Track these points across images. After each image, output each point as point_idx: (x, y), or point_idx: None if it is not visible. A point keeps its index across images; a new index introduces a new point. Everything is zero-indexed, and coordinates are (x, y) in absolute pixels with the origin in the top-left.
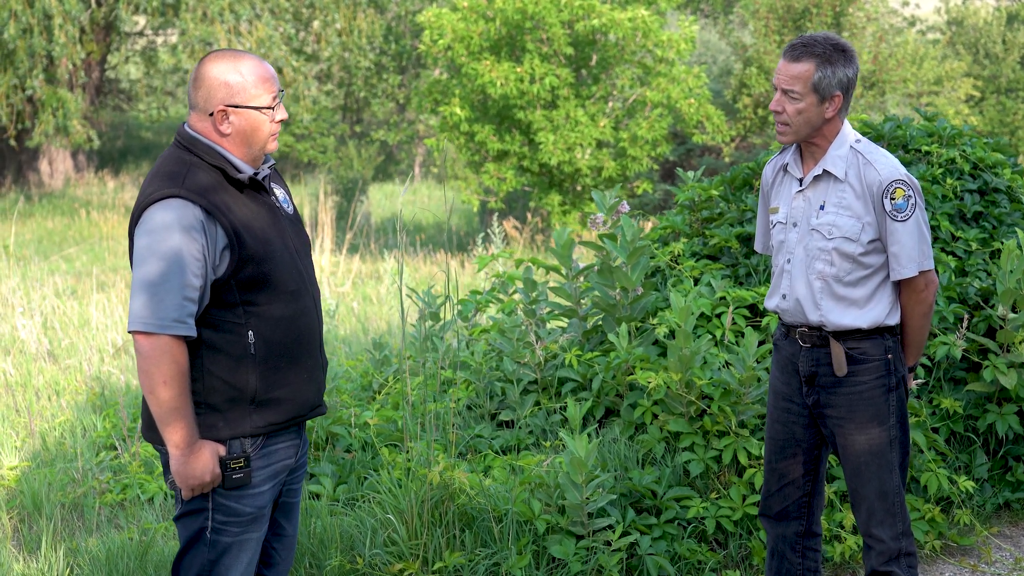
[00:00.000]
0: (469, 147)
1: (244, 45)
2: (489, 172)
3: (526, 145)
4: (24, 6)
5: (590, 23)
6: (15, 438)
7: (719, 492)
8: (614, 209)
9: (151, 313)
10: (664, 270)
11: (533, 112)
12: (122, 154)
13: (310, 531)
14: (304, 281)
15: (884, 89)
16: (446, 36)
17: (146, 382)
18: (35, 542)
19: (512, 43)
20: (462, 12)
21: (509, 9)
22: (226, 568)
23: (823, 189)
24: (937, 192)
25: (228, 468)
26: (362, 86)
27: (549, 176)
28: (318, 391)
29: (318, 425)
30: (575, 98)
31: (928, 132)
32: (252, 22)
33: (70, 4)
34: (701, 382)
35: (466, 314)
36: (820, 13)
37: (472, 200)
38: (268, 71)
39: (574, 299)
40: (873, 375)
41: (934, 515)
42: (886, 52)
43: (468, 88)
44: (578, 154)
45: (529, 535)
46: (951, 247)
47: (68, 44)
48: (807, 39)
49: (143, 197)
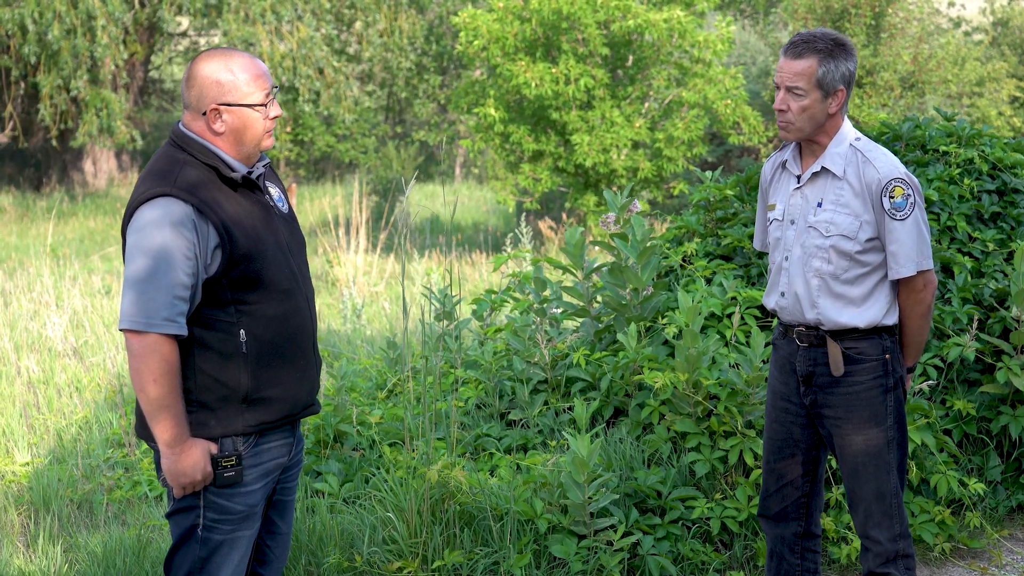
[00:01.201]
0: (504, 148)
1: (285, 46)
2: (525, 173)
3: (562, 146)
4: (68, 7)
5: (626, 24)
6: (31, 434)
7: (724, 493)
8: (625, 209)
9: (141, 311)
10: (676, 270)
11: (568, 113)
12: None
13: (309, 529)
14: (297, 280)
15: (924, 90)
16: (481, 37)
17: (136, 380)
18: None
19: (548, 44)
20: (498, 13)
21: (545, 10)
22: (217, 566)
23: (821, 186)
24: (954, 192)
25: (219, 466)
26: (403, 87)
27: (585, 177)
28: (311, 390)
29: (326, 423)
30: (611, 99)
31: (947, 132)
32: (293, 23)
33: (113, 5)
34: (708, 382)
35: (480, 313)
36: (859, 13)
37: (508, 201)
38: (260, 68)
39: (586, 299)
40: (870, 375)
41: (944, 517)
42: (926, 52)
43: (503, 89)
44: (613, 155)
45: (530, 534)
46: (968, 248)
47: (111, 45)
48: (807, 35)
49: (135, 195)
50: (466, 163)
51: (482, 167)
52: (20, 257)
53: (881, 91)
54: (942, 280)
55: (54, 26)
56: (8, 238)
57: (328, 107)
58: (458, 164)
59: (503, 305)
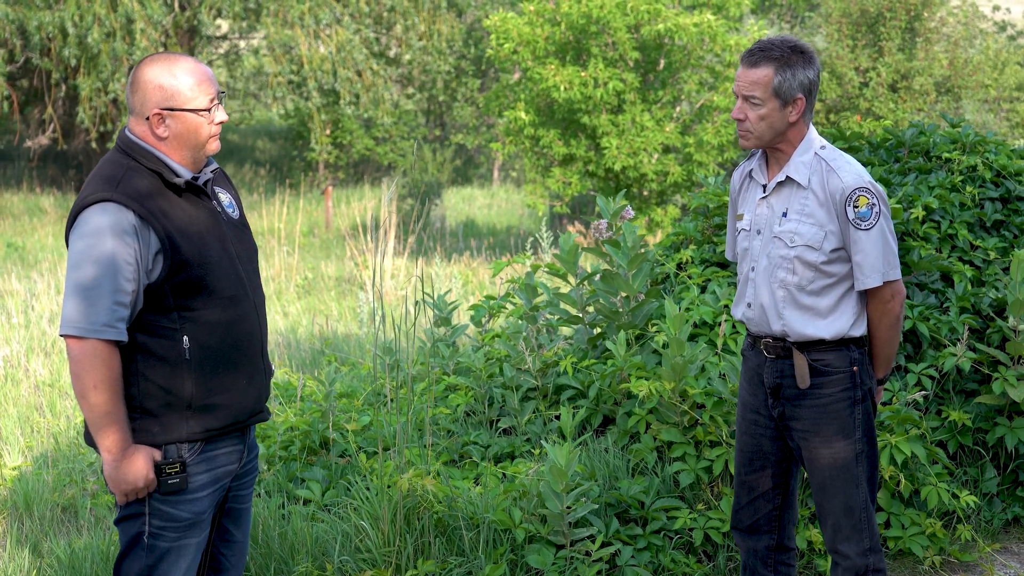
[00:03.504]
0: (534, 151)
1: (324, 49)
2: (555, 176)
3: (592, 150)
4: (108, 10)
5: (655, 28)
6: (29, 438)
7: (708, 503)
8: (618, 214)
9: (83, 317)
10: (671, 277)
11: (598, 116)
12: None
13: (280, 535)
14: (244, 287)
15: (960, 95)
16: (512, 40)
17: (78, 386)
18: (26, 542)
19: (577, 47)
20: (528, 16)
21: (574, 13)
22: (164, 573)
23: (786, 196)
24: (956, 200)
25: (163, 473)
26: (442, 90)
27: (615, 181)
28: (259, 397)
29: (313, 429)
30: (642, 103)
31: (952, 139)
32: (332, 26)
33: (152, 8)
34: (694, 391)
35: (478, 319)
36: (894, 17)
37: (538, 204)
38: (205, 73)
39: (580, 306)
40: (838, 387)
41: (935, 530)
42: (962, 57)
43: (533, 92)
44: (643, 159)
45: (507, 544)
46: (969, 256)
47: (150, 48)
48: (764, 43)
49: (78, 200)
50: (504, 166)
51: (520, 170)
52: (56, 259)
53: (916, 96)
54: (941, 289)
55: (94, 29)
56: (46, 240)
57: (367, 110)
58: (496, 167)
59: (500, 311)
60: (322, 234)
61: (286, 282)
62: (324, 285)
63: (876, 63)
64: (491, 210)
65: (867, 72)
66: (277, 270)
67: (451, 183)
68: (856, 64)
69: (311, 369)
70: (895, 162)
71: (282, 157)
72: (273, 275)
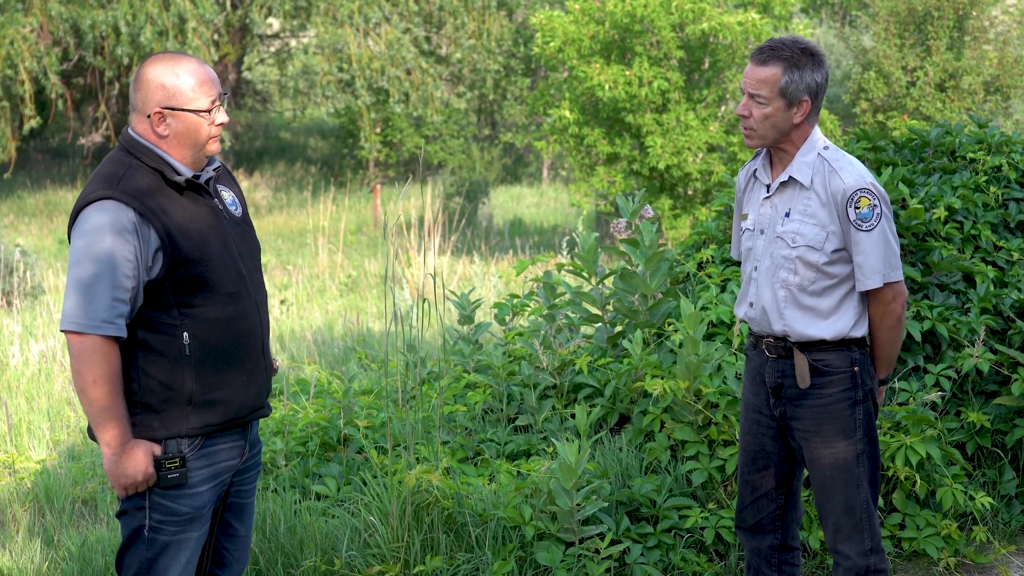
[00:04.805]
0: (579, 150)
1: (373, 48)
2: (599, 175)
3: (636, 148)
4: (160, 9)
5: (699, 26)
6: (57, 431)
7: (720, 502)
8: (637, 213)
9: (82, 313)
10: (692, 276)
11: (643, 115)
12: (259, 154)
13: (289, 530)
14: (245, 284)
15: (1009, 94)
16: (557, 39)
17: (78, 381)
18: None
19: (622, 46)
20: (574, 15)
21: (619, 12)
22: (164, 566)
23: (789, 196)
24: (979, 200)
25: (163, 468)
26: (492, 89)
27: (660, 180)
28: (259, 393)
29: (331, 425)
30: (686, 102)
31: (978, 139)
32: (381, 24)
33: (204, 8)
34: (708, 390)
35: (501, 318)
36: (942, 16)
37: (583, 203)
38: (207, 74)
39: (599, 304)
40: (838, 388)
41: (950, 531)
42: (1012, 56)
43: (578, 91)
44: (688, 158)
45: (516, 541)
46: (992, 257)
47: (201, 47)
48: (775, 43)
49: (80, 198)
50: (554, 165)
51: (569, 169)
52: None
53: (964, 95)
54: (963, 290)
55: (146, 28)
56: None
57: (415, 108)
58: (545, 166)
59: (523, 309)
60: (370, 232)
61: (330, 280)
62: (368, 283)
63: (924, 62)
64: (539, 209)
65: (914, 71)
66: (322, 267)
67: (500, 182)
68: (903, 63)
69: (341, 366)
70: (919, 162)
71: (333, 155)
72: (318, 272)
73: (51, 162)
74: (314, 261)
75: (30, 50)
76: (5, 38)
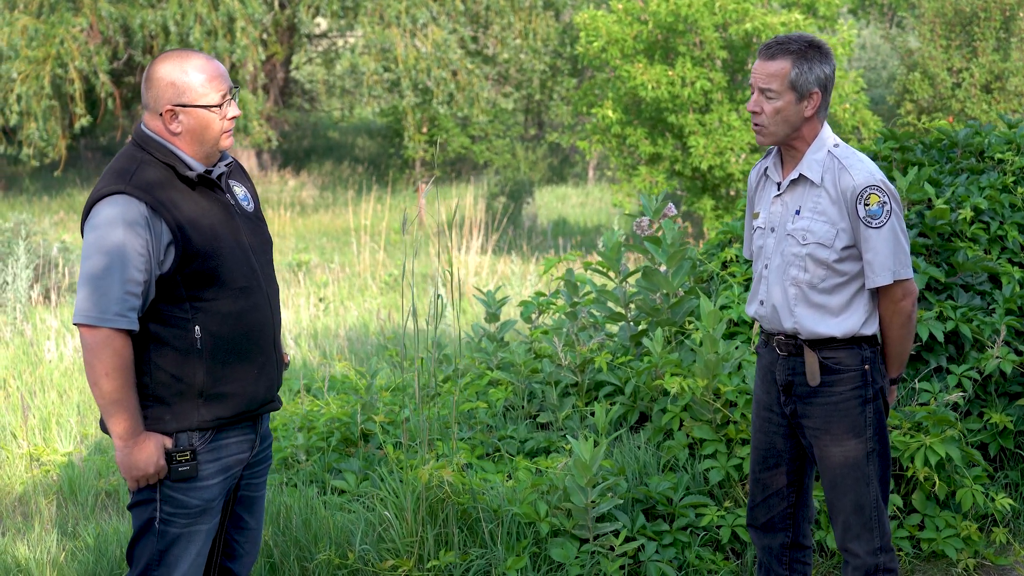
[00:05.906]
0: (621, 150)
1: (420, 48)
2: (641, 175)
3: (679, 149)
4: (209, 9)
5: (743, 27)
6: (86, 424)
7: (737, 501)
8: (660, 212)
9: (94, 306)
10: (716, 275)
11: (685, 116)
12: (307, 153)
13: (304, 523)
14: (257, 278)
15: None
16: (601, 38)
17: (90, 374)
18: (56, 526)
19: (665, 46)
20: (617, 15)
21: (662, 12)
22: (175, 558)
23: (800, 194)
24: (1006, 201)
25: (174, 460)
26: (538, 89)
27: (702, 180)
28: (270, 386)
29: (352, 421)
30: (729, 102)
31: (1007, 140)
32: (428, 25)
33: (252, 7)
34: (726, 389)
35: (527, 315)
36: (989, 17)
37: (625, 204)
38: (217, 69)
39: (622, 303)
40: (848, 386)
41: (970, 532)
42: None
43: (621, 91)
44: (730, 159)
45: (530, 537)
46: (1019, 258)
47: (249, 46)
48: (781, 38)
49: (93, 193)
50: (599, 165)
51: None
52: None
53: (1011, 97)
54: (988, 291)
55: (195, 28)
56: None
57: (460, 108)
58: (591, 166)
59: (549, 307)
60: (412, 230)
61: (371, 279)
62: (409, 281)
63: (970, 63)
64: (584, 209)
65: (960, 73)
66: (364, 266)
67: (546, 182)
68: (949, 64)
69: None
70: (947, 162)
71: (380, 155)
72: (360, 271)
73: (101, 160)
74: (358, 259)
75: (80, 49)
76: (55, 37)
